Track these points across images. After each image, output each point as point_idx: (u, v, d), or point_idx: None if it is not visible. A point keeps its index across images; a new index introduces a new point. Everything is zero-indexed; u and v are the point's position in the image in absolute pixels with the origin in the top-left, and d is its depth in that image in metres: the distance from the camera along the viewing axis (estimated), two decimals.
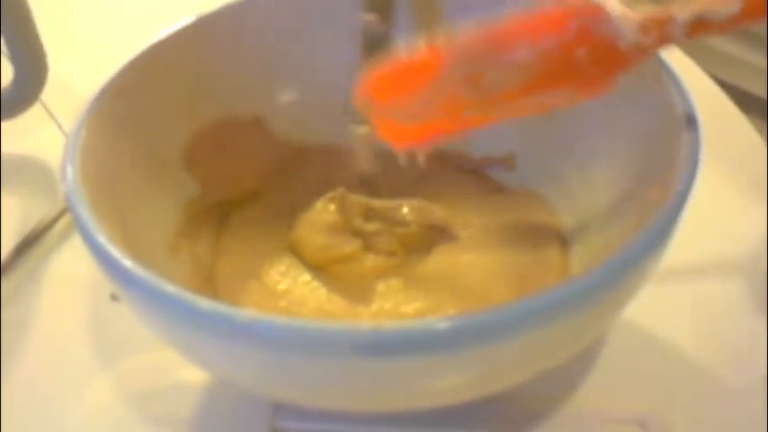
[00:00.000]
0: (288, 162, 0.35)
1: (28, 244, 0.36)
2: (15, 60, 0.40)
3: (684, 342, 0.31)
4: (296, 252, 0.31)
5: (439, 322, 0.20)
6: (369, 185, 0.33)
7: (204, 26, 0.33)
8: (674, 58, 0.27)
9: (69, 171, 0.26)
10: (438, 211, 0.32)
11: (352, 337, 0.21)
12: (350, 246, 0.31)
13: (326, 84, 0.35)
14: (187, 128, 0.32)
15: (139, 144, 0.30)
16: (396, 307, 0.29)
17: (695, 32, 0.24)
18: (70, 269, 0.35)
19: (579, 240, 0.30)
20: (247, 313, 0.21)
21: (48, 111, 0.42)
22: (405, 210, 0.32)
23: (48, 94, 0.41)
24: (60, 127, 0.42)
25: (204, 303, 0.22)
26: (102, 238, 0.24)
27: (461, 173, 0.34)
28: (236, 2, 0.34)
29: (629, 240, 0.22)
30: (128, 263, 0.23)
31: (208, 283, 0.30)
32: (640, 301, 0.24)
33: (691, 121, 0.26)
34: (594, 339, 0.30)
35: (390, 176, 0.33)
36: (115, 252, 0.23)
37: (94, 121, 0.28)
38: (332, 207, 0.32)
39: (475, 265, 0.30)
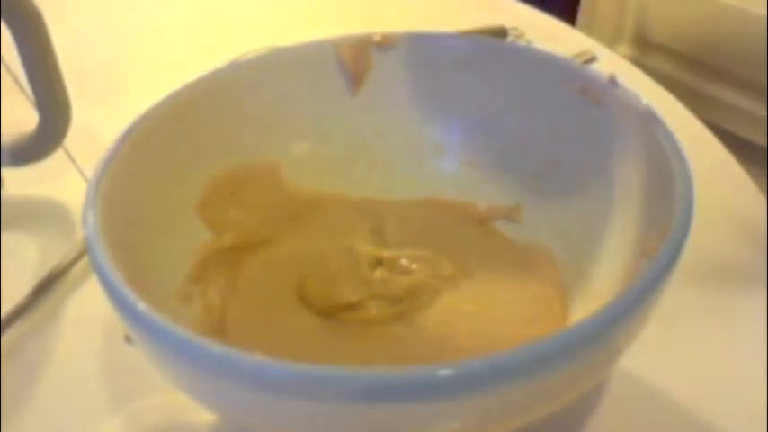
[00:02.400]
0: (299, 210, 0.36)
1: (46, 285, 0.37)
2: (40, 106, 0.41)
3: (684, 390, 0.31)
4: (304, 299, 0.32)
5: (442, 369, 0.21)
6: (377, 235, 0.34)
7: (222, 79, 0.34)
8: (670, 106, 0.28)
9: (90, 217, 0.27)
10: (443, 262, 0.33)
11: (355, 383, 0.21)
12: (357, 294, 0.32)
13: (339, 135, 0.36)
14: (202, 175, 0.33)
15: (156, 190, 0.31)
16: (399, 353, 0.29)
17: None
18: (86, 311, 0.36)
19: (581, 291, 0.31)
20: (253, 358, 0.22)
21: (69, 156, 0.44)
22: (411, 260, 0.33)
23: (70, 139, 0.42)
24: (81, 172, 0.43)
25: (212, 347, 0.22)
26: (117, 282, 0.25)
27: (468, 225, 0.35)
28: (252, 57, 0.35)
29: (625, 290, 0.23)
30: (140, 305, 0.24)
31: (218, 328, 0.31)
32: (638, 349, 0.25)
33: (683, 173, 0.27)
34: (592, 386, 0.30)
35: (398, 227, 0.34)
36: (128, 295, 0.24)
37: (114, 169, 0.29)
38: (340, 256, 0.33)
39: (478, 316, 0.31)
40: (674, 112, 0.48)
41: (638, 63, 0.56)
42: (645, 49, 0.94)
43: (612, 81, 0.32)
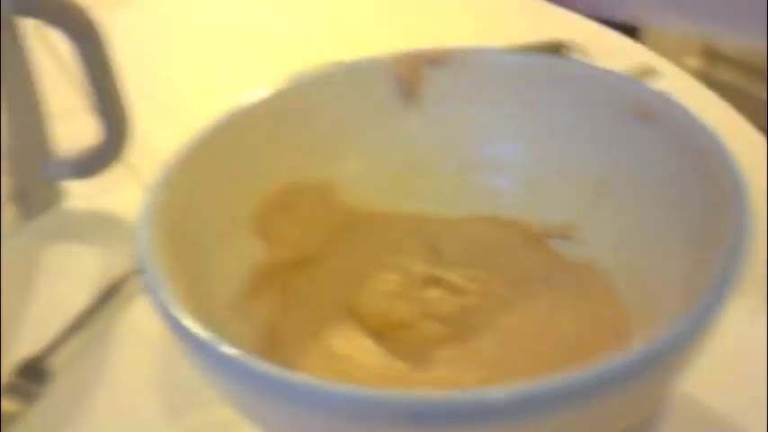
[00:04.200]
0: (353, 227, 0.35)
1: (104, 298, 0.38)
2: (102, 120, 0.42)
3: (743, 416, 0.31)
4: (357, 316, 0.32)
5: (494, 393, 0.21)
6: (431, 253, 0.34)
7: (277, 96, 0.34)
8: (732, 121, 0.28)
9: (143, 232, 0.27)
10: (499, 282, 0.32)
11: (408, 407, 0.21)
12: (410, 313, 0.31)
13: (393, 151, 0.36)
14: (257, 191, 0.33)
15: (211, 206, 0.31)
16: (454, 375, 0.29)
17: None
18: (142, 324, 0.37)
19: (639, 310, 0.30)
20: (307, 378, 0.22)
21: (130, 170, 0.45)
22: (466, 279, 0.33)
23: (131, 153, 0.43)
24: (141, 185, 0.44)
25: (264, 367, 0.22)
26: (167, 299, 0.25)
27: (523, 243, 0.35)
28: (307, 73, 0.35)
29: (681, 315, 0.22)
30: (189, 324, 0.24)
31: (271, 344, 0.31)
32: (698, 374, 0.24)
33: (739, 193, 0.26)
34: (650, 411, 0.30)
35: (453, 245, 0.34)
36: (178, 313, 0.24)
37: (170, 184, 0.29)
38: (395, 274, 0.33)
39: (533, 337, 0.30)
40: (735, 128, 0.47)
41: (706, 75, 0.55)
42: (713, 61, 0.92)
43: (667, 98, 0.31)
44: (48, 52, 0.45)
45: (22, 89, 0.42)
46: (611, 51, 0.55)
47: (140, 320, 0.37)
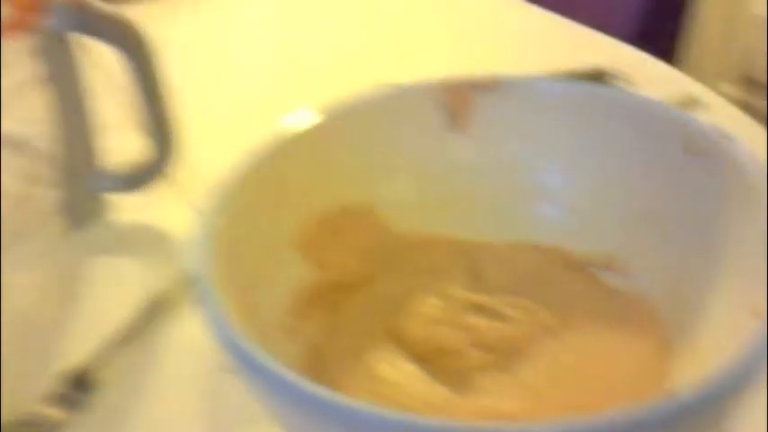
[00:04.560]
0: (399, 250, 0.36)
1: (150, 312, 0.38)
2: (150, 135, 0.43)
3: None
4: (402, 341, 0.32)
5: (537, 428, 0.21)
6: (476, 279, 0.34)
7: (327, 118, 0.35)
8: None
9: (201, 250, 0.28)
10: (543, 311, 0.33)
11: None
12: (454, 339, 0.32)
13: (439, 176, 0.37)
14: (306, 214, 0.34)
15: (263, 228, 0.32)
16: (496, 404, 0.29)
17: None
18: (186, 339, 0.37)
19: (684, 346, 0.30)
20: (356, 402, 0.23)
21: (174, 185, 0.45)
22: (511, 306, 0.33)
23: (176, 168, 0.44)
24: (185, 201, 0.44)
25: (314, 389, 0.23)
26: (225, 318, 0.26)
27: (568, 272, 0.35)
28: (356, 96, 0.36)
29: (734, 355, 0.22)
30: (245, 342, 0.25)
31: (315, 365, 0.31)
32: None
33: None
34: None
35: (497, 271, 0.34)
36: (235, 332, 0.25)
37: (225, 206, 0.30)
38: (438, 299, 0.33)
39: (576, 367, 0.31)
40: None
41: (744, 102, 0.55)
42: (751, 88, 0.92)
43: (716, 131, 0.31)
44: (96, 65, 0.46)
45: (73, 103, 0.43)
46: (652, 79, 0.55)
47: (186, 334, 0.37)
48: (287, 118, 0.34)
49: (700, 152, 0.32)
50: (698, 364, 0.28)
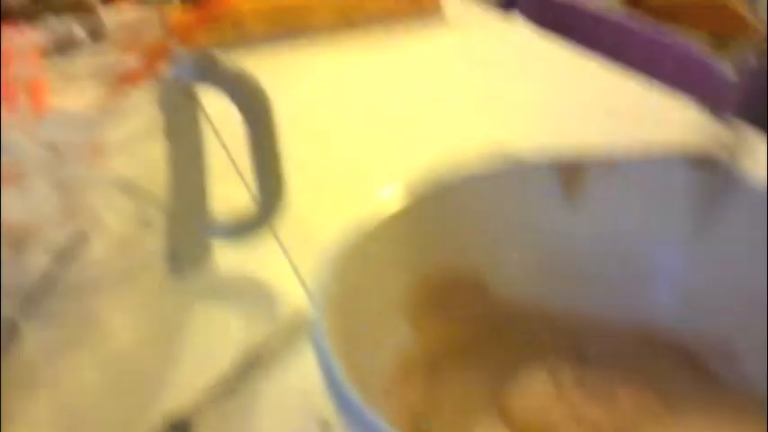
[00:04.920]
0: (503, 322, 0.36)
1: (251, 362, 0.39)
2: (260, 187, 0.44)
3: None
4: (506, 415, 0.32)
5: None
6: (580, 355, 0.34)
7: (437, 190, 0.35)
8: None
9: (317, 314, 0.28)
10: (650, 396, 0.32)
11: None
12: (561, 417, 0.31)
13: (550, 249, 0.36)
14: (413, 282, 0.34)
15: (372, 294, 0.32)
16: None
17: None
18: (284, 391, 0.37)
19: None
20: None
21: (277, 238, 0.46)
22: (617, 389, 0.32)
23: (280, 221, 0.44)
24: (286, 254, 0.45)
25: None
26: (340, 378, 0.26)
27: (675, 358, 0.34)
28: (470, 168, 0.36)
29: None
30: (359, 400, 0.25)
31: (416, 429, 0.31)
32: None
33: None
34: None
35: (602, 350, 0.34)
36: (350, 391, 0.25)
37: (336, 274, 0.30)
38: (543, 373, 0.32)
39: None
40: None
41: None
42: None
43: None
44: (212, 115, 0.47)
45: (188, 151, 0.44)
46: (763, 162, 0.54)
47: (284, 387, 0.38)
48: (393, 187, 0.35)
49: None
50: None
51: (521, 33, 0.84)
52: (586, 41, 0.79)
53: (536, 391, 0.32)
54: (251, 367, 0.38)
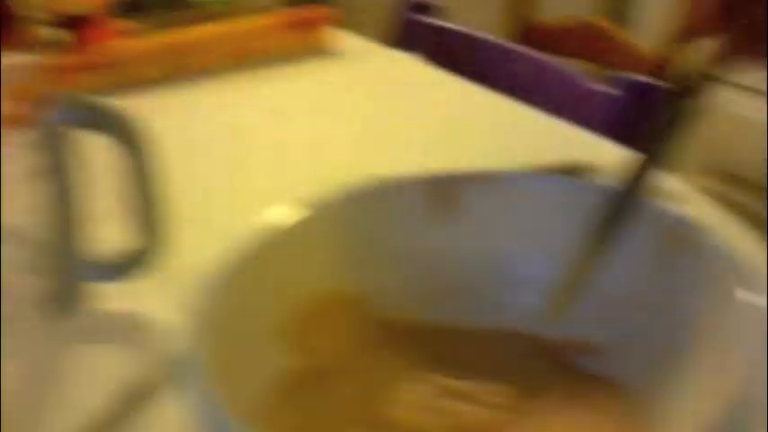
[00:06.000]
0: (383, 338, 0.36)
1: (130, 402, 0.38)
2: (138, 225, 0.44)
3: None
4: (383, 427, 0.32)
5: None
6: (456, 365, 0.35)
7: (316, 212, 0.36)
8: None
9: (192, 346, 0.28)
10: (521, 397, 0.33)
11: None
12: (434, 425, 0.32)
13: (424, 267, 0.38)
14: (292, 303, 0.35)
15: (249, 318, 0.32)
16: None
17: None
18: (165, 428, 0.37)
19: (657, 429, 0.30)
20: None
21: (159, 274, 0.46)
22: (490, 393, 0.33)
23: (162, 258, 0.44)
24: (171, 291, 0.45)
25: None
26: (214, 405, 0.26)
27: (545, 359, 0.36)
28: (347, 191, 0.37)
29: None
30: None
31: None
32: None
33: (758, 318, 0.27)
34: None
35: (477, 359, 0.35)
36: (225, 416, 0.25)
37: (212, 299, 0.31)
38: (421, 385, 0.33)
39: None
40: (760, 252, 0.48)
41: (724, 197, 0.56)
42: (731, 183, 0.94)
43: (692, 223, 0.32)
44: (87, 156, 0.47)
45: (65, 194, 0.43)
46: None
47: (165, 423, 0.37)
48: (273, 211, 0.35)
49: (675, 243, 0.33)
50: None
51: (413, 66, 0.86)
52: (478, 71, 0.82)
53: (409, 402, 0.33)
54: (128, 407, 0.38)
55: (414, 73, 0.84)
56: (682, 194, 0.53)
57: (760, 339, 0.27)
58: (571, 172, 0.55)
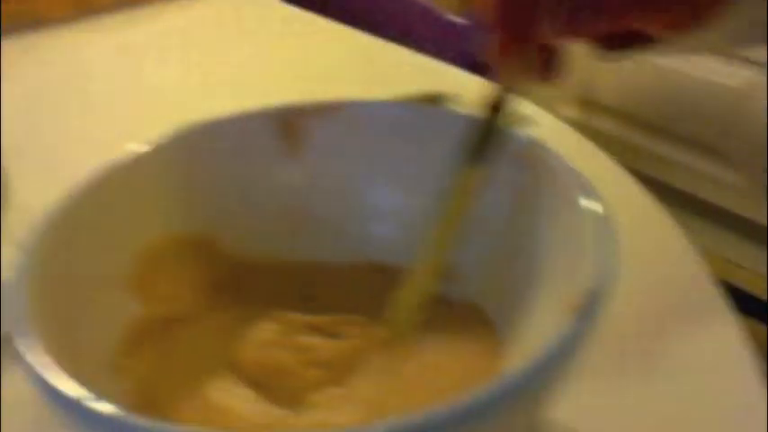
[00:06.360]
0: (234, 278, 0.36)
1: None
2: None
3: None
4: (236, 368, 0.32)
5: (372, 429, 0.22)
6: (310, 300, 0.34)
7: (158, 151, 0.34)
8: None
9: (15, 294, 0.27)
10: (376, 326, 0.33)
11: None
12: (289, 360, 0.31)
13: (275, 202, 0.37)
14: (133, 247, 0.33)
15: (85, 265, 0.31)
16: (333, 418, 0.29)
17: None
18: (15, 393, 0.35)
19: (511, 348, 0.31)
20: (179, 428, 0.22)
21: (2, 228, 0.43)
22: (344, 325, 0.33)
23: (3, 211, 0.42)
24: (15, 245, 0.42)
25: (137, 421, 0.22)
26: (39, 362, 0.24)
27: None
28: (183, 128, 0.35)
29: (544, 344, 0.24)
30: (60, 384, 0.24)
31: (148, 402, 0.30)
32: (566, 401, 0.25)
33: (605, 232, 0.28)
34: None
35: (331, 292, 0.35)
36: (49, 374, 0.24)
37: (43, 244, 0.29)
38: (274, 323, 0.33)
39: (409, 376, 0.31)
40: (607, 171, 0.49)
41: (582, 124, 0.58)
42: (589, 111, 0.97)
43: (537, 144, 0.33)
44: None
45: None
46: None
47: (13, 388, 0.35)
48: (113, 153, 0.34)
49: (524, 164, 0.33)
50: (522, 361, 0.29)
51: (267, 4, 0.84)
52: (340, 10, 0.81)
53: (264, 340, 0.32)
54: None
55: (269, 11, 0.83)
56: (532, 118, 0.54)
57: (602, 244, 0.27)
58: (432, 101, 0.55)
